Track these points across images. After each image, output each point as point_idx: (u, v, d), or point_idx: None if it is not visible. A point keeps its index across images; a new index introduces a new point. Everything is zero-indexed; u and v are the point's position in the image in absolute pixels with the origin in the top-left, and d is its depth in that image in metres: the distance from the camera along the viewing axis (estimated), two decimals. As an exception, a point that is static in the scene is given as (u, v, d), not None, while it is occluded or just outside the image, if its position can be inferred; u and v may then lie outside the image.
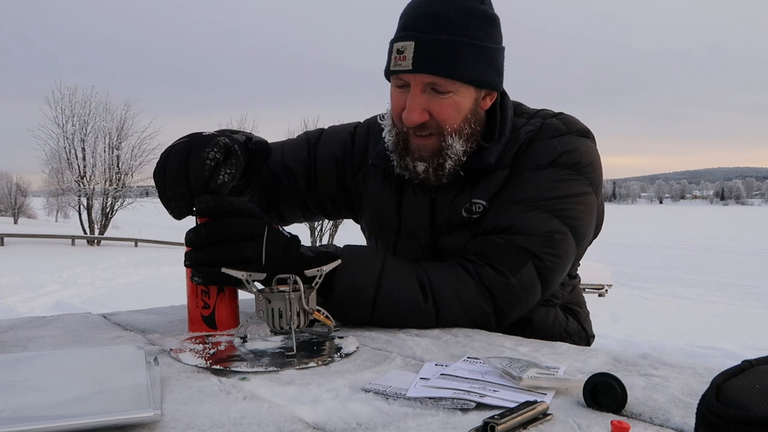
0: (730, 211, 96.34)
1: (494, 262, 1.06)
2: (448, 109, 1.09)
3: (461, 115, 1.10)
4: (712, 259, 17.11)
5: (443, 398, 0.66)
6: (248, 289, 0.96)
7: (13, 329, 1.08)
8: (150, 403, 0.61)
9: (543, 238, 1.07)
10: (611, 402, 0.63)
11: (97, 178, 25.85)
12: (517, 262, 1.05)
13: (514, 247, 1.06)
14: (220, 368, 0.80)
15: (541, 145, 1.14)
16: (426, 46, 1.06)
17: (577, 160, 1.13)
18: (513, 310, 1.07)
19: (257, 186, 1.26)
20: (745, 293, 10.18)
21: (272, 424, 0.60)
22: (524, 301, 1.07)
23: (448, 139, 1.11)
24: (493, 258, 1.06)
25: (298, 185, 1.35)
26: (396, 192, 1.26)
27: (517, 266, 1.05)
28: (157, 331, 1.06)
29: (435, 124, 1.11)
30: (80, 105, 26.00)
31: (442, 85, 1.08)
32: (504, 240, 1.07)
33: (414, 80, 1.08)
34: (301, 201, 1.36)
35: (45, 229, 28.78)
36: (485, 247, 1.08)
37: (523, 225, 1.07)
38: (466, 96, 1.10)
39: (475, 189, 1.16)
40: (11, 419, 0.57)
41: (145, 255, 16.93)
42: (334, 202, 1.37)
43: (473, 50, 1.07)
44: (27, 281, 9.86)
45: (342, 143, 1.35)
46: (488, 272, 1.05)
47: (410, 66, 1.06)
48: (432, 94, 1.09)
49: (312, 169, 1.35)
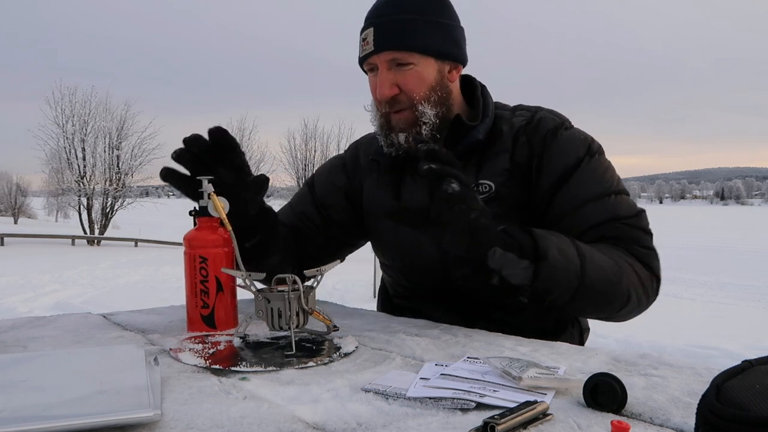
0: (730, 211, 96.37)
1: (633, 244, 1.13)
2: (412, 80, 1.19)
3: (426, 84, 1.19)
4: (712, 259, 17.10)
5: (443, 398, 0.66)
6: (248, 288, 0.96)
7: (13, 329, 1.08)
8: (150, 403, 0.61)
9: (637, 212, 1.16)
10: (611, 402, 0.63)
11: (97, 178, 25.84)
12: (646, 237, 1.15)
13: (635, 229, 1.15)
14: (220, 368, 0.80)
15: (564, 139, 1.20)
16: (384, 27, 1.18)
17: (596, 144, 1.23)
18: (660, 274, 1.17)
19: (280, 248, 1.29)
20: (745, 293, 10.17)
21: (272, 424, 0.60)
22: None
23: (419, 107, 1.19)
24: (630, 240, 1.13)
25: (316, 224, 1.40)
26: (394, 182, 1.31)
27: (649, 240, 1.16)
28: (157, 331, 1.06)
29: (405, 97, 1.20)
30: (80, 105, 25.98)
31: (402, 58, 1.18)
32: (621, 224, 1.14)
33: (379, 60, 1.19)
34: (325, 238, 1.41)
35: (45, 229, 28.78)
36: (614, 233, 1.13)
37: (619, 210, 1.15)
38: (428, 67, 1.20)
39: (480, 170, 1.21)
40: (11, 419, 0.57)
41: (145, 255, 16.92)
42: (352, 221, 1.41)
43: (428, 25, 1.19)
44: (27, 281, 9.85)
45: (336, 170, 1.44)
46: (638, 250, 1.13)
47: (372, 47, 1.18)
48: (397, 69, 1.19)
49: (319, 204, 1.41)
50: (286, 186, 28.30)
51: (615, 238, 1.12)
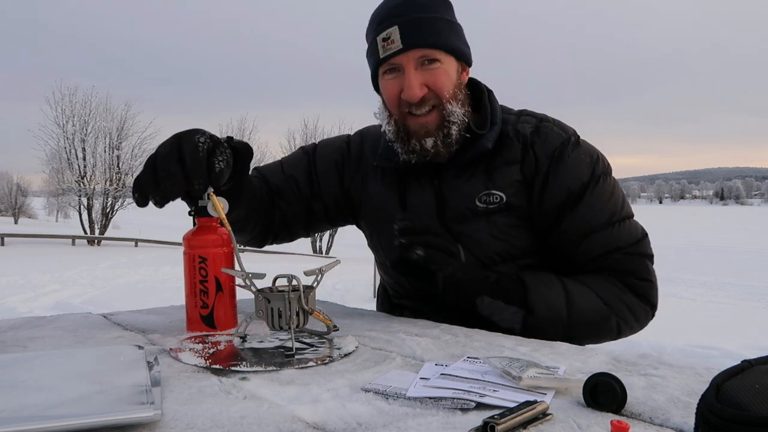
0: (730, 211, 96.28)
1: (630, 276, 1.18)
2: (442, 77, 1.17)
3: (452, 81, 1.19)
4: (712, 259, 17.10)
5: (443, 398, 0.66)
6: (248, 288, 0.96)
7: (13, 329, 1.08)
8: (150, 403, 0.61)
9: (639, 239, 1.20)
10: (611, 402, 0.63)
11: (98, 178, 25.85)
12: (645, 265, 1.19)
13: (634, 257, 1.19)
14: (220, 368, 0.80)
15: (571, 160, 1.19)
16: (409, 25, 1.15)
17: (601, 165, 1.22)
18: (656, 301, 1.22)
19: (251, 200, 1.25)
20: (745, 293, 10.17)
21: (272, 424, 0.60)
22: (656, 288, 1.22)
23: (448, 106, 1.18)
24: (627, 272, 1.18)
25: (303, 193, 1.39)
26: (399, 188, 1.29)
27: (648, 267, 1.20)
28: (157, 331, 1.06)
29: (433, 95, 1.17)
30: (80, 105, 25.99)
31: (431, 55, 1.16)
32: (622, 255, 1.18)
33: (406, 58, 1.15)
34: (306, 209, 1.40)
35: (45, 229, 28.76)
36: (613, 265, 1.18)
37: (620, 240, 1.18)
38: (451, 66, 1.19)
39: (490, 180, 1.20)
40: (11, 419, 0.57)
41: (145, 255, 16.92)
42: (338, 204, 1.40)
43: (446, 24, 1.18)
44: (27, 281, 9.85)
45: (339, 149, 1.42)
46: (634, 282, 1.18)
47: (400, 45, 1.15)
48: (424, 67, 1.16)
49: (314, 175, 1.39)
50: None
51: (613, 270, 1.18)
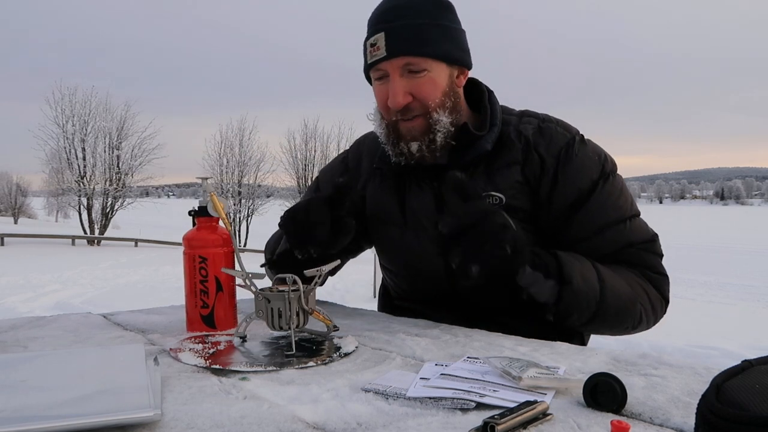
0: (730, 211, 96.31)
1: (647, 270, 1.18)
2: (427, 87, 1.16)
3: (440, 90, 1.17)
4: (712, 259, 17.10)
5: (443, 398, 0.66)
6: (248, 288, 0.96)
7: (13, 329, 1.08)
8: (150, 403, 0.61)
9: (650, 237, 1.20)
10: (611, 402, 0.63)
11: (97, 178, 25.82)
12: (659, 261, 1.21)
13: (648, 253, 1.19)
14: (220, 368, 0.80)
15: (578, 159, 1.19)
16: (395, 32, 1.14)
17: (609, 163, 1.22)
18: (669, 297, 1.23)
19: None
20: (745, 293, 10.17)
21: (272, 423, 0.60)
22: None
23: (434, 115, 1.16)
24: (644, 266, 1.18)
25: None
26: (398, 190, 1.29)
27: (662, 264, 1.21)
28: (157, 331, 1.06)
29: (418, 105, 1.16)
30: (80, 105, 25.95)
31: (416, 64, 1.14)
32: (636, 250, 1.18)
33: (391, 66, 1.15)
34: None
35: (45, 229, 28.76)
36: (630, 258, 1.18)
37: (633, 236, 1.19)
38: (440, 73, 1.17)
39: (490, 182, 1.20)
40: (12, 419, 0.57)
41: (145, 255, 16.92)
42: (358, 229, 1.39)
43: (437, 29, 1.16)
44: (27, 281, 9.85)
45: (339, 169, 1.44)
46: (652, 276, 1.18)
47: (384, 53, 1.14)
48: (410, 76, 1.15)
49: None
50: (286, 186, 28.32)
51: (631, 263, 1.18)
